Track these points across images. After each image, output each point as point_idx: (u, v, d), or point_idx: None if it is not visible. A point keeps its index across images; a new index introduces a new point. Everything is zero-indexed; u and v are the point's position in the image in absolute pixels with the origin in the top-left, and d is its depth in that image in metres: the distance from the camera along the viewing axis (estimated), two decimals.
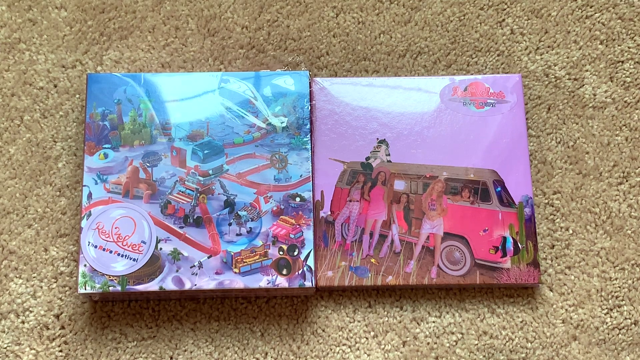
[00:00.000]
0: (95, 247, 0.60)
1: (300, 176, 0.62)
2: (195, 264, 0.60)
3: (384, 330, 0.63)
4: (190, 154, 0.62)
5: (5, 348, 0.62)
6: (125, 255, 0.59)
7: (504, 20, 0.69)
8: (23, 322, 0.62)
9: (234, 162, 0.62)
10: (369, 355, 0.62)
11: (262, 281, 0.59)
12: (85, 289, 0.59)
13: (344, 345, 0.62)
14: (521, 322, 0.63)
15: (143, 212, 0.60)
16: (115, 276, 0.59)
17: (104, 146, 0.62)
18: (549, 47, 0.68)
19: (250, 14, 0.69)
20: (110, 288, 0.59)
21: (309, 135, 0.62)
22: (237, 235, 0.60)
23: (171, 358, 0.62)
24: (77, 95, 0.67)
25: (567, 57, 0.68)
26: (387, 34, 0.69)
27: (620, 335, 0.63)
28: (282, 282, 0.60)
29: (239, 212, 0.61)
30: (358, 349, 0.62)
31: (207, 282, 0.59)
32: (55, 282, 0.63)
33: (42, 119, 0.66)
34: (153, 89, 0.63)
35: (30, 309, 0.63)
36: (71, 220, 0.64)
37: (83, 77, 0.67)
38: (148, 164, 0.62)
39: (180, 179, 0.61)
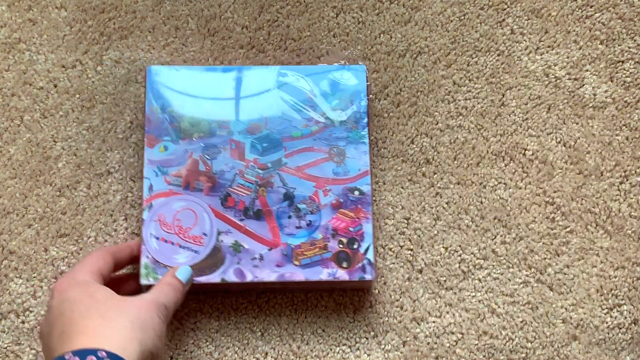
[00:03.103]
0: (157, 238, 0.60)
1: (359, 170, 0.62)
2: (256, 256, 0.60)
3: (384, 330, 0.63)
4: (249, 147, 0.62)
5: (5, 348, 0.62)
6: (187, 247, 0.59)
7: (504, 20, 0.69)
8: (23, 322, 0.62)
9: (293, 155, 0.62)
10: (369, 355, 0.62)
11: (322, 274, 0.59)
12: (148, 281, 0.59)
13: (344, 345, 0.62)
14: (521, 322, 0.63)
15: (204, 204, 0.60)
16: None
17: (164, 139, 0.62)
18: (549, 47, 0.68)
19: (250, 14, 0.69)
20: None
21: (366, 129, 0.62)
22: (296, 228, 0.60)
23: (171, 358, 0.62)
24: (77, 95, 0.67)
25: (567, 57, 0.68)
26: (387, 34, 0.69)
27: (620, 334, 0.63)
28: (342, 275, 0.60)
29: (298, 205, 0.61)
30: (358, 349, 0.62)
31: (268, 275, 0.59)
32: (56, 282, 0.63)
33: (42, 119, 0.66)
34: (214, 82, 0.63)
35: (30, 309, 0.63)
36: (71, 220, 0.64)
37: (83, 77, 0.67)
38: (207, 157, 0.61)
39: (239, 171, 0.61)
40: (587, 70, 0.68)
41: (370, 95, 0.65)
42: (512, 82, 0.67)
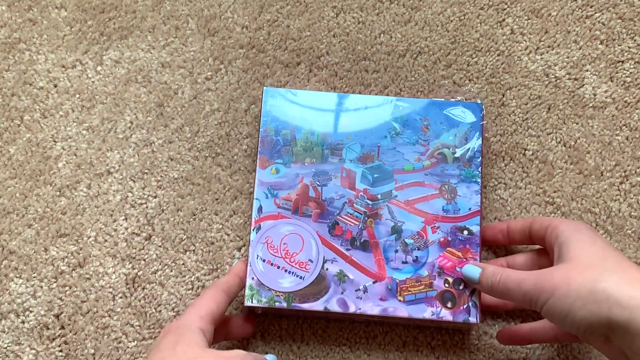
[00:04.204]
0: (264, 261, 0.59)
1: (469, 209, 0.60)
2: (360, 288, 0.59)
3: (384, 330, 0.63)
4: (360, 176, 0.61)
5: (6, 348, 0.62)
6: (293, 272, 0.59)
7: (504, 20, 0.69)
8: (23, 322, 0.62)
9: (403, 188, 0.61)
10: (369, 355, 0.62)
11: (426, 312, 0.58)
12: (252, 302, 0.58)
13: (344, 345, 0.62)
14: (521, 322, 0.63)
15: (312, 230, 0.60)
16: (282, 292, 0.59)
17: (276, 161, 0.61)
18: (549, 47, 0.68)
19: (250, 14, 0.69)
20: (276, 304, 0.58)
21: (479, 169, 0.61)
22: (402, 262, 0.59)
23: None
24: (77, 95, 0.67)
25: (567, 57, 0.68)
26: (387, 34, 0.69)
27: None
28: (446, 315, 0.58)
29: (405, 240, 0.60)
30: (358, 349, 0.62)
31: (371, 307, 0.58)
32: (55, 282, 0.63)
33: (42, 119, 0.66)
34: (328, 108, 0.63)
35: (30, 309, 0.63)
36: (71, 220, 0.64)
37: (83, 77, 0.67)
38: (318, 183, 0.61)
39: (349, 200, 0.61)
40: (587, 70, 0.68)
41: (486, 135, 0.65)
42: (512, 82, 0.67)
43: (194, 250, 0.64)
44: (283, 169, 0.61)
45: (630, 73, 0.68)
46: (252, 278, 0.59)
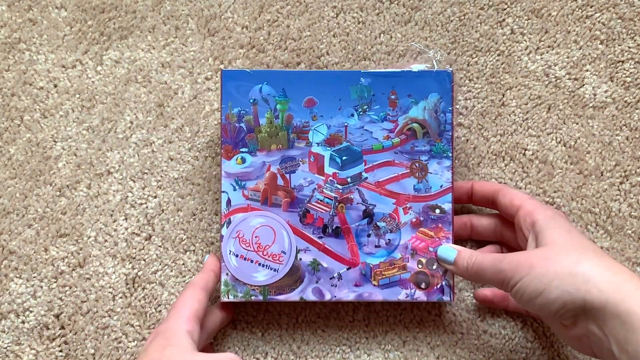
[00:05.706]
0: (237, 256, 0.59)
1: (441, 186, 0.60)
2: (334, 275, 0.59)
3: (384, 330, 0.63)
4: (329, 160, 0.60)
5: (5, 348, 0.62)
6: (266, 266, 0.59)
7: (504, 20, 0.69)
8: (23, 322, 0.62)
9: (373, 169, 0.60)
10: (369, 355, 0.62)
11: (400, 294, 0.59)
12: (228, 298, 0.59)
13: (344, 345, 0.62)
14: (521, 322, 0.63)
15: (282, 221, 0.59)
16: (257, 286, 0.59)
17: (241, 150, 0.60)
18: (549, 47, 0.68)
19: (250, 14, 0.69)
20: (253, 297, 0.59)
21: (450, 143, 0.60)
22: (375, 247, 0.60)
23: None
24: (77, 95, 0.67)
25: (567, 57, 0.68)
26: (387, 34, 0.69)
27: None
28: (420, 295, 0.59)
29: (377, 223, 0.60)
30: (358, 349, 0.62)
31: (346, 294, 0.59)
32: (55, 282, 0.63)
33: (42, 119, 0.66)
34: (290, 87, 0.60)
35: (30, 309, 0.63)
36: (71, 220, 0.64)
37: (83, 77, 0.67)
38: (286, 170, 0.60)
39: (318, 186, 0.60)
40: (587, 70, 0.68)
41: (457, 106, 0.64)
42: (512, 82, 0.67)
43: (194, 250, 0.64)
44: (249, 158, 0.60)
45: (630, 73, 0.68)
46: (227, 274, 0.59)
